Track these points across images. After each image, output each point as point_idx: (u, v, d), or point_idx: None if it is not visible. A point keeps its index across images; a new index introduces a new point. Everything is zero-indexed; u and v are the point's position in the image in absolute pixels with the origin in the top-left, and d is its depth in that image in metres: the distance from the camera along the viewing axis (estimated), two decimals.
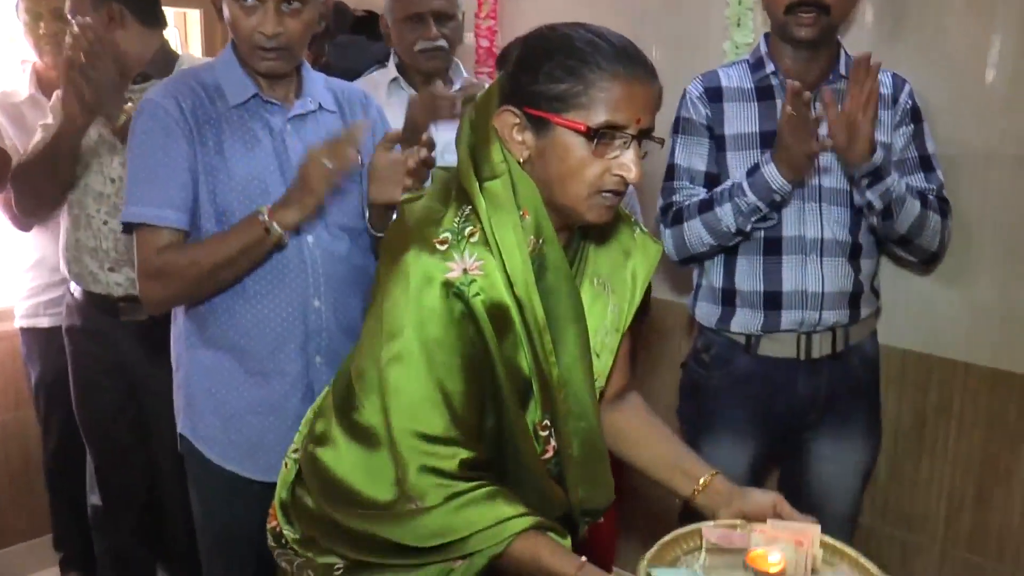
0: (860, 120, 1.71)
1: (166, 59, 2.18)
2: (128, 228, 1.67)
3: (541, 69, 1.15)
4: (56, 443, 2.53)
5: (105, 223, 2.16)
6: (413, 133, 2.10)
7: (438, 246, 1.16)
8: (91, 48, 1.82)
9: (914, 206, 1.84)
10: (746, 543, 1.23)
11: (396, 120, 2.23)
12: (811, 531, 1.24)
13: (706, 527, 1.27)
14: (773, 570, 1.16)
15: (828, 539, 1.26)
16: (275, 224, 1.58)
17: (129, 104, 1.90)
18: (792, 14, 1.80)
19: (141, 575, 2.46)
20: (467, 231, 1.17)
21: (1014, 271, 1.97)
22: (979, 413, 2.05)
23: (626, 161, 1.16)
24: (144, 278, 1.65)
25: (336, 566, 1.26)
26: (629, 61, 1.15)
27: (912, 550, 2.17)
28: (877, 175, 1.78)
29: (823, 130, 1.77)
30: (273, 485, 1.64)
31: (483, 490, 1.15)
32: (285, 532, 1.34)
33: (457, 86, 2.26)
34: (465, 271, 1.14)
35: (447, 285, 1.14)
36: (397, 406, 1.15)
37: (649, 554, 1.21)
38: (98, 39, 1.84)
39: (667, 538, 1.26)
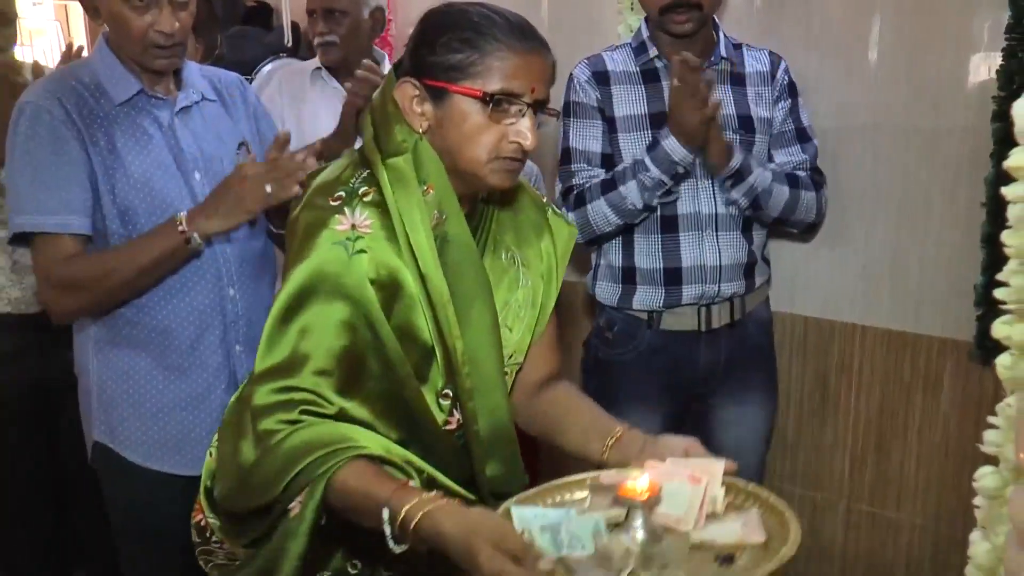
0: (711, 132, 1.80)
1: None
2: (19, 238, 1.60)
3: (438, 41, 1.18)
4: None
5: None
6: (343, 135, 2.10)
7: (331, 202, 1.18)
8: None
9: (782, 192, 1.93)
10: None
11: (319, 108, 2.24)
12: (712, 468, 1.13)
13: (605, 473, 1.20)
14: (640, 496, 1.06)
15: (742, 483, 1.17)
16: (196, 235, 1.57)
17: None
18: (667, 13, 1.87)
19: None
20: (361, 191, 1.19)
21: (901, 236, 2.07)
22: (876, 372, 2.16)
23: (522, 128, 1.18)
24: (52, 289, 1.60)
25: (236, 560, 1.26)
26: (523, 34, 1.19)
27: (820, 507, 2.27)
28: (739, 176, 1.86)
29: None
30: (199, 479, 1.62)
31: (325, 422, 1.14)
32: (210, 521, 1.32)
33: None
34: (353, 226, 1.16)
35: (332, 238, 1.15)
36: (261, 359, 1.16)
37: (521, 495, 1.15)
38: None
39: (551, 483, 1.19)
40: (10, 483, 2.25)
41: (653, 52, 1.95)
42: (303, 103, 2.34)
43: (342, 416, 1.16)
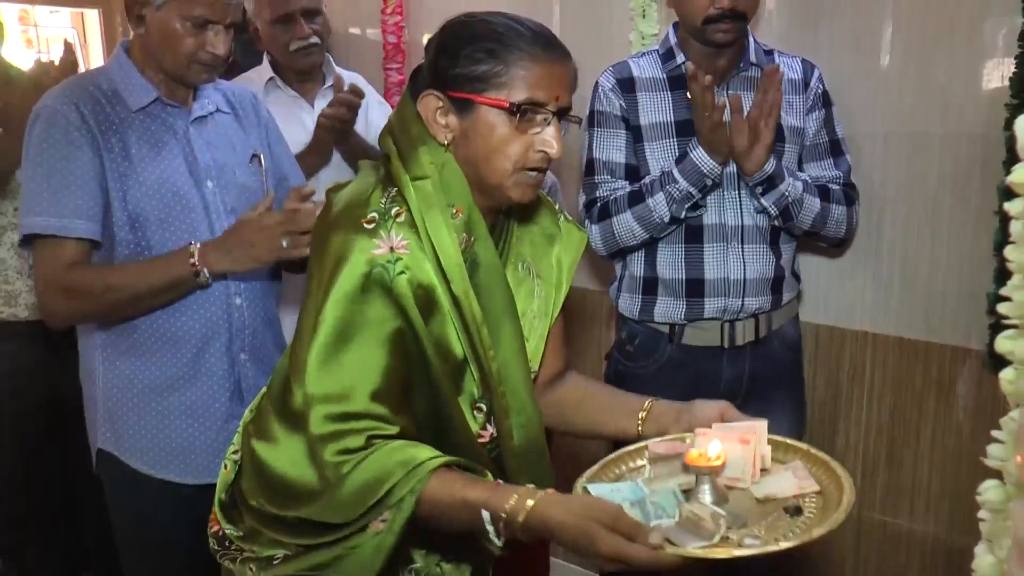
0: (762, 127, 1.75)
1: None
2: (28, 240, 1.61)
3: (461, 53, 1.18)
4: None
5: None
6: (320, 150, 2.14)
7: (365, 225, 1.17)
8: None
9: (813, 204, 1.88)
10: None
11: (280, 117, 2.24)
12: (757, 428, 1.20)
13: (653, 442, 1.25)
14: (714, 464, 1.12)
15: (779, 437, 1.24)
16: (205, 270, 1.58)
17: None
18: (710, 23, 1.81)
19: None
20: (393, 211, 1.19)
21: (912, 243, 2.06)
22: (887, 380, 2.15)
23: (548, 137, 1.19)
24: (50, 293, 1.61)
25: (275, 557, 1.26)
26: (546, 42, 1.20)
27: None
28: (771, 183, 1.82)
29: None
30: (203, 487, 1.62)
31: (388, 444, 1.15)
32: (227, 532, 1.33)
33: (328, 83, 2.33)
34: (391, 249, 1.16)
35: (372, 263, 1.15)
36: (315, 385, 1.15)
37: (588, 472, 1.19)
38: None
39: (610, 456, 1.24)
40: (25, 487, 2.28)
41: (681, 59, 1.91)
42: None
43: (403, 434, 1.17)
